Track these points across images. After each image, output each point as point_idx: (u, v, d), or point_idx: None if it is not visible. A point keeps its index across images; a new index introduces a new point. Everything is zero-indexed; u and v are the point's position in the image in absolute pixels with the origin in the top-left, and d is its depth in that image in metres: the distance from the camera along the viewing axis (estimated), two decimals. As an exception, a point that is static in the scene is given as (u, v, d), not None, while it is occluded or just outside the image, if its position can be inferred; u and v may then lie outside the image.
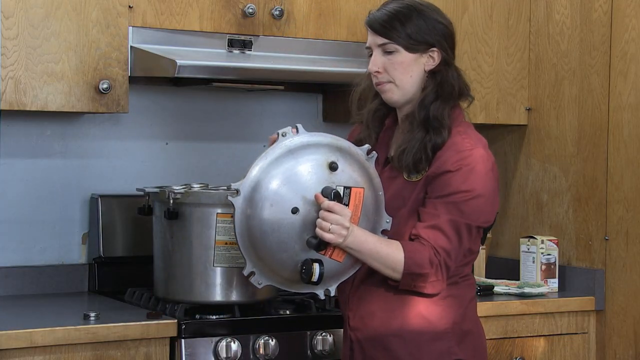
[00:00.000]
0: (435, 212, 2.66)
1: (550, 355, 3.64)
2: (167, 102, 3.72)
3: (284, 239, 2.61)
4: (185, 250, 3.12)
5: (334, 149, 2.67)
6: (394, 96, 2.76)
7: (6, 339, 2.79)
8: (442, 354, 2.71)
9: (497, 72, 3.91)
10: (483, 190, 2.68)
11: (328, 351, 3.16)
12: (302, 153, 2.64)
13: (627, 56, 3.62)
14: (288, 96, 3.89)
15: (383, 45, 2.72)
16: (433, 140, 2.69)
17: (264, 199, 2.61)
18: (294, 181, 2.62)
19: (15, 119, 3.44)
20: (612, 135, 3.67)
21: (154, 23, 3.32)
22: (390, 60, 2.72)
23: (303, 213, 2.61)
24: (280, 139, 2.65)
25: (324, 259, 2.63)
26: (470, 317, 2.79)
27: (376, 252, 2.64)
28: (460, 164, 2.66)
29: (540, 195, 3.94)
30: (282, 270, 2.67)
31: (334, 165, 2.63)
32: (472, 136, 2.74)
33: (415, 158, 2.69)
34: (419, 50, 2.72)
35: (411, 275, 2.64)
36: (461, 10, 3.83)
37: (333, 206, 2.57)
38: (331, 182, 2.62)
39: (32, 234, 3.50)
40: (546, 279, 3.76)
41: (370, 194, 2.68)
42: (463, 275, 2.77)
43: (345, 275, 2.73)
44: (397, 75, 2.73)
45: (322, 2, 3.57)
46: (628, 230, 3.62)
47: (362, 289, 2.77)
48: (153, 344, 2.99)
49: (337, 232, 2.58)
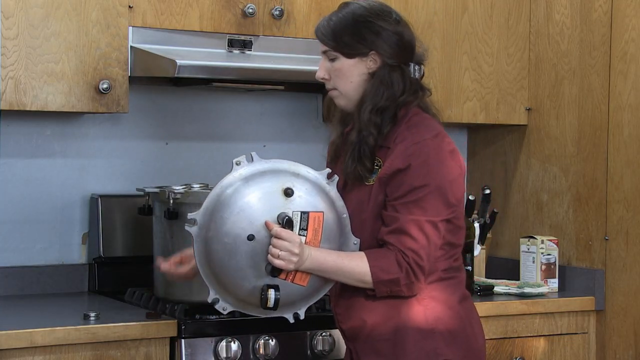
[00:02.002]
0: (395, 214, 2.64)
1: (550, 355, 3.64)
2: (167, 102, 3.72)
3: (242, 266, 2.62)
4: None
5: (290, 174, 2.67)
6: (341, 102, 2.78)
7: (6, 339, 2.80)
8: (428, 354, 2.68)
9: (497, 72, 3.91)
10: (440, 182, 2.64)
11: (328, 351, 3.16)
12: (258, 181, 2.65)
13: (627, 56, 3.63)
14: (288, 96, 3.89)
15: (325, 52, 2.76)
16: (364, 146, 2.69)
17: (219, 227, 2.62)
18: (248, 208, 2.62)
19: (15, 119, 3.45)
20: (612, 135, 3.67)
21: (154, 23, 3.32)
22: (334, 66, 2.75)
23: (258, 239, 2.61)
24: (235, 168, 2.67)
25: (287, 284, 2.64)
26: (462, 317, 2.75)
27: (338, 269, 2.64)
28: (410, 159, 2.64)
29: (540, 195, 3.94)
30: (243, 296, 2.67)
31: (289, 191, 2.64)
32: (422, 129, 2.70)
33: (352, 166, 2.70)
34: (357, 55, 2.72)
35: (383, 283, 2.63)
36: (461, 10, 3.83)
37: (280, 232, 2.58)
38: (287, 208, 2.63)
39: (32, 234, 3.50)
40: (546, 279, 3.76)
41: (332, 217, 2.68)
42: (445, 270, 2.73)
43: (315, 297, 2.73)
44: (339, 82, 2.75)
45: (322, 2, 3.58)
46: (628, 230, 3.62)
47: (346, 299, 2.76)
48: (153, 344, 2.99)
49: (286, 258, 2.58)
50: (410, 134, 2.68)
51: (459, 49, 3.84)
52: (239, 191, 2.64)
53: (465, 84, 3.85)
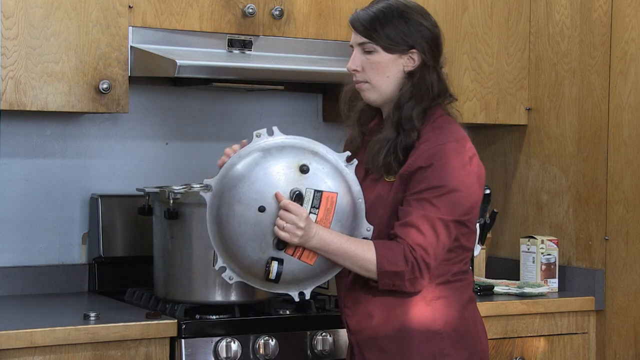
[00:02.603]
0: (409, 209, 2.65)
1: (550, 355, 3.64)
2: (167, 102, 3.72)
3: (251, 236, 2.64)
4: (185, 250, 3.12)
5: (309, 152, 2.69)
6: (371, 96, 2.77)
7: (6, 339, 2.80)
8: (434, 355, 2.69)
9: (497, 72, 3.91)
10: (457, 184, 2.65)
11: (328, 351, 3.16)
12: (275, 154, 2.67)
13: (627, 56, 3.63)
14: (288, 96, 3.89)
15: (363, 44, 2.74)
16: (403, 141, 2.69)
17: (233, 195, 2.64)
18: (263, 180, 2.64)
19: (15, 119, 3.45)
20: (612, 135, 3.67)
21: (154, 23, 3.32)
22: (369, 59, 2.73)
23: (269, 212, 2.63)
24: (255, 140, 2.69)
25: (293, 260, 2.65)
26: (467, 319, 2.76)
27: (344, 252, 2.64)
28: (432, 159, 2.65)
29: (540, 195, 3.94)
30: (249, 267, 2.69)
31: (305, 167, 2.65)
32: (446, 131, 2.72)
33: (385, 160, 2.70)
34: (397, 51, 2.72)
35: (386, 274, 2.63)
36: (461, 10, 3.83)
37: (287, 204, 2.60)
38: (301, 184, 2.64)
39: (32, 234, 3.50)
40: (546, 279, 3.76)
41: (347, 200, 2.69)
42: (454, 273, 2.74)
43: (322, 278, 2.73)
44: (374, 75, 2.74)
45: (322, 2, 3.58)
46: (628, 230, 3.62)
47: (355, 292, 2.76)
48: (153, 344, 2.99)
49: (290, 231, 2.60)
50: (434, 134, 2.70)
51: (459, 49, 3.84)
52: (255, 162, 2.65)
53: (465, 84, 3.85)
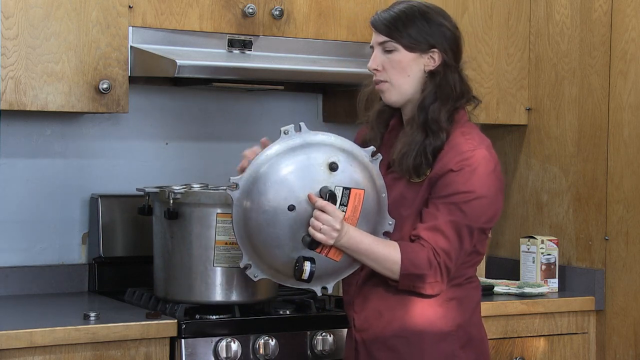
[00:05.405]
0: (436, 212, 2.66)
1: (550, 355, 3.64)
2: (167, 102, 3.72)
3: (279, 234, 2.63)
4: (185, 250, 3.12)
5: (337, 149, 2.67)
6: (392, 96, 2.76)
7: (6, 339, 2.80)
8: (446, 356, 2.71)
9: (497, 72, 3.91)
10: (485, 192, 2.67)
11: (328, 351, 3.16)
12: (304, 152, 2.65)
13: (627, 56, 3.63)
14: (288, 96, 3.89)
15: (383, 43, 2.73)
16: (432, 143, 2.69)
17: (261, 194, 2.62)
18: (292, 179, 2.63)
19: (15, 119, 3.45)
20: (612, 135, 3.67)
21: (154, 23, 3.32)
22: (390, 58, 2.73)
23: (299, 211, 2.61)
24: (283, 137, 2.67)
25: (320, 257, 2.65)
26: (475, 322, 2.79)
27: (372, 253, 2.65)
28: (463, 164, 2.66)
29: (540, 195, 3.94)
30: (277, 265, 2.68)
31: (334, 165, 2.63)
32: (476, 137, 2.73)
33: (415, 162, 2.69)
34: (418, 49, 2.72)
35: (409, 276, 2.64)
36: (461, 10, 3.83)
37: (325, 206, 2.59)
38: (330, 182, 2.63)
39: (32, 234, 3.50)
40: (546, 279, 3.76)
41: (373, 195, 2.68)
42: (467, 277, 2.77)
43: (343, 273, 2.73)
44: (395, 75, 2.73)
45: (322, 2, 3.58)
46: (628, 230, 3.62)
47: (366, 289, 2.77)
48: (153, 344, 2.99)
49: (327, 233, 2.59)
50: (464, 140, 2.70)
51: (459, 49, 3.84)
52: (284, 160, 2.64)
53: (465, 84, 3.85)
